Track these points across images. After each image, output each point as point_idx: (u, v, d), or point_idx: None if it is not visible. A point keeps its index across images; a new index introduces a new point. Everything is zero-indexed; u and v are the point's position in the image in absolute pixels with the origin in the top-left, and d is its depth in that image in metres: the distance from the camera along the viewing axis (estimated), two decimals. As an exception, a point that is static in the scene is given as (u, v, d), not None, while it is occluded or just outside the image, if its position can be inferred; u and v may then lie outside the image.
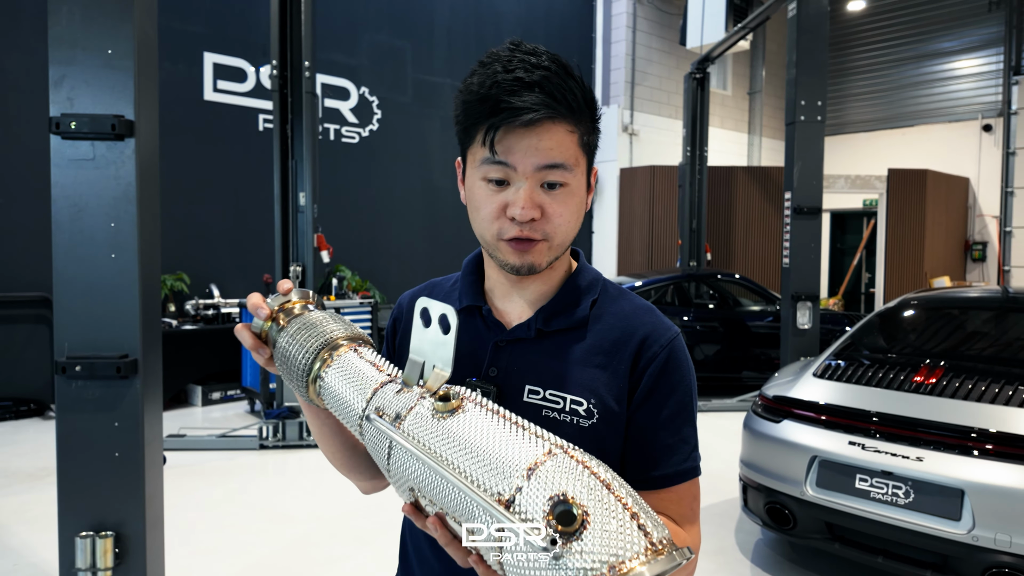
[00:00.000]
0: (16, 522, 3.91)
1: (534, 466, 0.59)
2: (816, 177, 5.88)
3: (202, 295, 7.26)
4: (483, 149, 0.89)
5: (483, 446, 0.64)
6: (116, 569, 2.29)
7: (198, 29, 7.45)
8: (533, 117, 0.86)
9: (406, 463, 0.70)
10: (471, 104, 0.89)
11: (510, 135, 0.87)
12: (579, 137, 0.92)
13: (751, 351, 7.47)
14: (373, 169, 8.88)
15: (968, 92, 12.10)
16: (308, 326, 0.86)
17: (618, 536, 0.54)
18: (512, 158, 0.88)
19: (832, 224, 12.90)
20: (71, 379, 2.23)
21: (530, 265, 0.92)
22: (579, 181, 0.93)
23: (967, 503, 2.65)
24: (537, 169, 0.88)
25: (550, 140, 0.88)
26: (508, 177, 0.89)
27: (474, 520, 0.62)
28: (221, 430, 5.62)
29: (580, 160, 0.92)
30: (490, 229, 0.92)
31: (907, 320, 3.91)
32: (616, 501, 0.57)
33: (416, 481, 0.69)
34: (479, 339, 1.00)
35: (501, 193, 0.90)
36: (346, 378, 0.81)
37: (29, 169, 6.18)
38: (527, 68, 0.87)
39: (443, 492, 0.65)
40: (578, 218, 0.94)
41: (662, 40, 11.72)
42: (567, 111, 0.89)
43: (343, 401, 0.80)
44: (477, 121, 0.89)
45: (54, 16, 2.20)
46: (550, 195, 0.90)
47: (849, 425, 3.05)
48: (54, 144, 2.22)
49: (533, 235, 0.90)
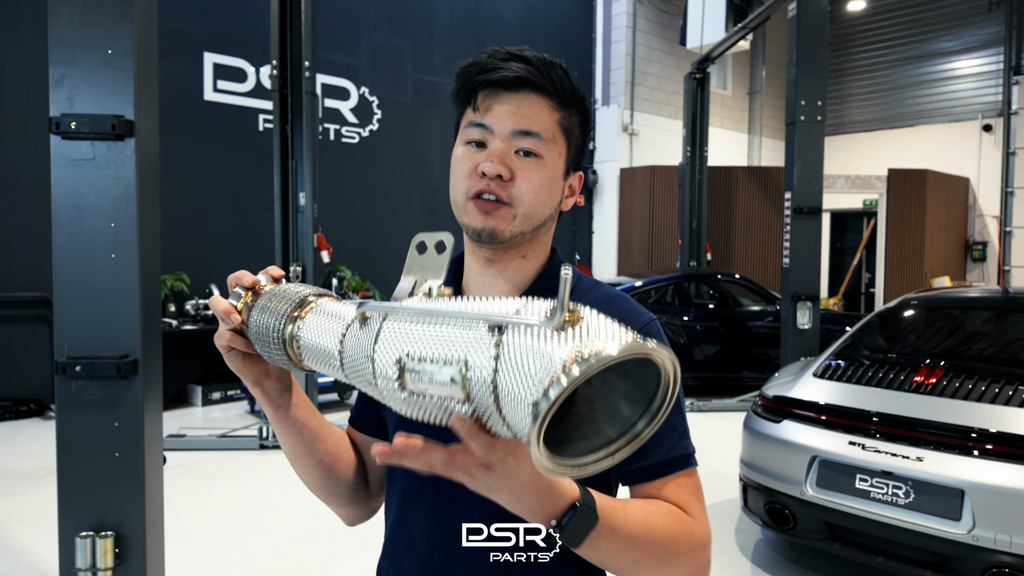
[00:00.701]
0: (16, 522, 3.91)
1: (521, 307, 0.62)
2: (816, 177, 5.88)
3: (202, 295, 7.26)
4: (469, 112, 0.94)
5: (469, 307, 0.64)
6: (116, 569, 2.29)
7: (198, 29, 7.45)
8: (514, 76, 0.90)
9: (396, 332, 0.67)
10: (464, 69, 0.94)
11: (492, 97, 0.92)
12: (560, 118, 0.94)
13: (751, 351, 7.47)
14: (373, 169, 8.88)
15: (968, 92, 12.10)
16: (276, 295, 0.86)
17: (607, 327, 0.57)
18: (490, 118, 0.92)
19: (832, 224, 12.90)
20: (71, 379, 2.23)
21: (491, 230, 0.92)
22: (553, 159, 0.94)
23: (967, 503, 2.65)
24: (512, 133, 0.91)
25: (529, 108, 0.92)
26: (486, 139, 0.92)
27: (468, 359, 0.60)
28: (221, 430, 5.63)
29: (557, 139, 0.94)
30: (461, 187, 0.94)
31: (907, 320, 3.91)
32: (593, 311, 0.60)
33: (406, 347, 0.65)
34: None
35: (478, 154, 0.93)
36: (324, 320, 0.79)
37: (29, 169, 6.19)
38: (520, 50, 0.93)
39: (435, 338, 0.63)
40: (548, 195, 0.95)
41: (662, 40, 11.73)
42: (550, 86, 0.92)
43: (323, 334, 0.77)
44: (467, 82, 0.93)
45: (54, 16, 2.20)
46: (522, 161, 0.92)
47: (849, 425, 3.05)
48: (54, 144, 2.22)
49: (499, 192, 0.91)
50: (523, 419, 0.56)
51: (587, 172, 11.40)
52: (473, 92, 0.93)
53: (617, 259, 11.21)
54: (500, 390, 0.59)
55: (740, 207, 10.45)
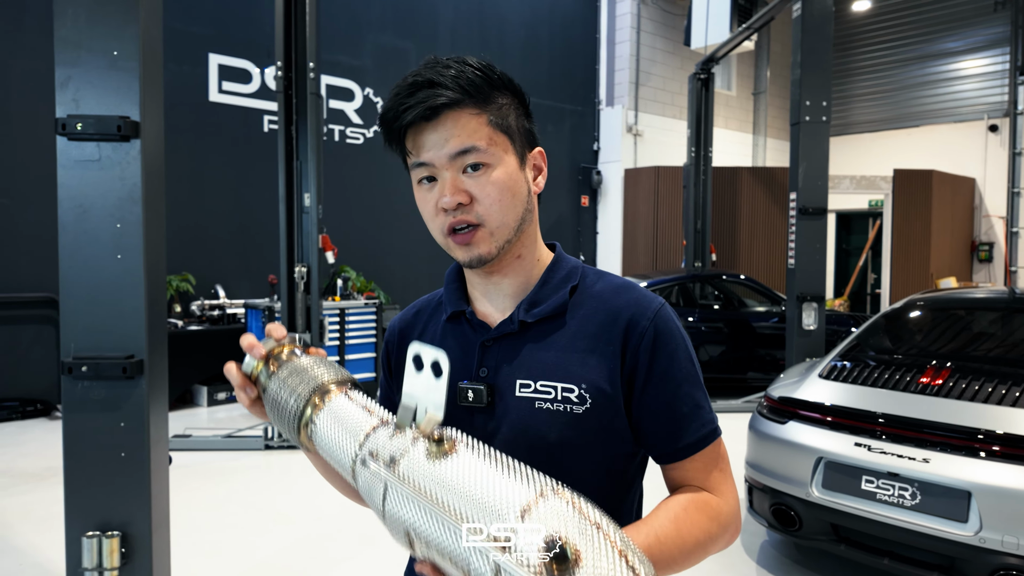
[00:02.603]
0: (22, 522, 3.92)
1: (527, 508, 0.62)
2: (821, 178, 5.87)
3: (207, 296, 7.28)
4: (409, 157, 0.96)
5: (476, 489, 0.66)
6: (122, 569, 2.29)
7: (203, 30, 7.47)
8: (422, 110, 0.90)
9: (402, 507, 0.70)
10: (383, 122, 0.96)
11: (417, 134, 0.93)
12: (488, 118, 0.93)
13: (756, 352, 7.45)
14: (377, 170, 8.88)
15: (974, 92, 12.06)
16: (298, 371, 0.87)
17: (608, 574, 0.58)
18: (427, 155, 0.93)
19: (837, 225, 12.87)
20: (77, 379, 2.24)
21: (478, 256, 0.94)
22: (500, 158, 0.94)
23: (974, 505, 2.63)
24: (450, 158, 0.92)
25: (453, 127, 0.91)
26: (433, 173, 0.94)
27: (470, 564, 0.63)
28: (226, 430, 5.64)
29: (495, 139, 0.94)
30: (435, 228, 0.96)
31: (913, 321, 3.90)
32: (605, 540, 0.60)
33: (412, 524, 0.69)
34: (467, 342, 1.02)
35: (432, 191, 0.95)
36: (338, 422, 0.81)
37: (35, 170, 6.21)
38: (421, 73, 0.92)
39: (439, 536, 0.66)
40: (512, 197, 0.95)
41: (666, 41, 11.71)
42: (463, 95, 0.91)
43: (336, 445, 0.81)
44: (389, 134, 0.96)
45: (60, 18, 2.21)
46: (472, 178, 0.93)
47: (855, 426, 3.04)
48: (60, 145, 2.22)
49: (468, 219, 0.93)
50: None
51: (591, 173, 11.40)
52: (399, 138, 0.95)
53: (622, 260, 11.20)
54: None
55: (745, 208, 10.43)
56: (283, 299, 5.41)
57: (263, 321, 6.27)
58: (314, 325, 5.40)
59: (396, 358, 1.12)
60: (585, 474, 0.95)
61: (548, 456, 0.93)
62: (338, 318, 6.51)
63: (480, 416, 0.98)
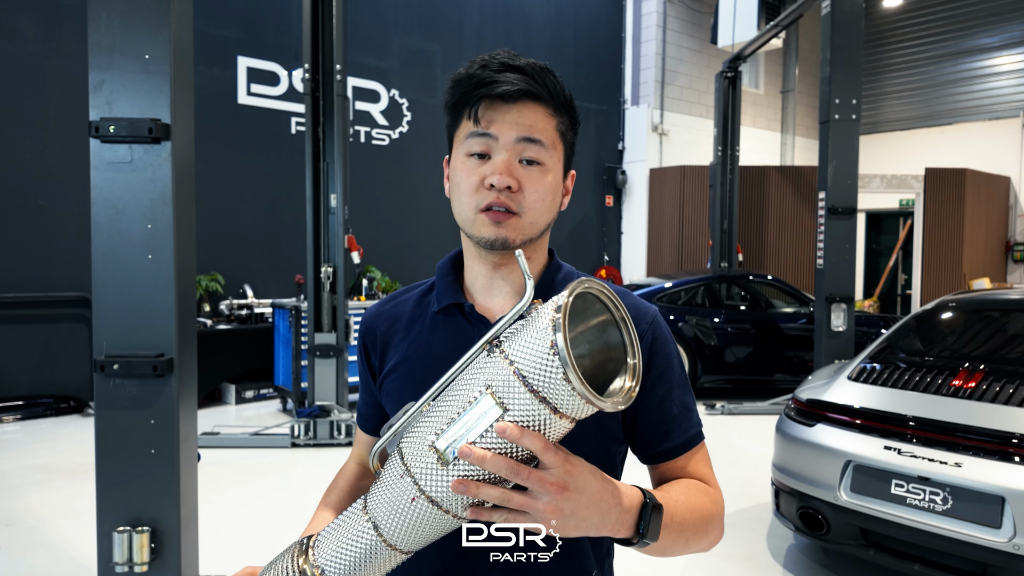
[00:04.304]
0: (56, 516, 4.01)
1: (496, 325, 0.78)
2: (851, 176, 5.78)
3: (236, 295, 7.38)
4: (468, 123, 0.96)
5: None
6: (152, 563, 2.33)
7: (232, 34, 7.57)
8: (514, 89, 0.93)
9: (410, 437, 0.77)
10: (460, 82, 0.96)
11: (493, 109, 0.94)
12: (557, 123, 0.97)
13: (784, 353, 7.36)
14: (403, 171, 8.94)
15: (1009, 89, 11.79)
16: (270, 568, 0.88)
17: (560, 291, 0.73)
18: (494, 128, 0.94)
19: (867, 224, 12.67)
20: (109, 377, 2.28)
21: (504, 239, 0.95)
22: (555, 164, 0.98)
23: (1008, 510, 2.58)
24: (517, 141, 0.94)
25: (530, 116, 0.94)
26: (489, 149, 0.95)
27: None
28: (254, 428, 5.70)
29: (557, 145, 0.98)
30: (469, 202, 0.96)
31: (945, 322, 3.82)
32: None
33: (427, 430, 0.75)
34: (464, 336, 1.01)
35: (482, 166, 0.95)
36: (335, 529, 0.84)
37: (69, 172, 6.34)
38: (511, 58, 0.95)
39: (448, 398, 0.75)
40: (552, 202, 0.98)
41: (693, 39, 11.62)
42: (547, 95, 0.95)
43: (349, 545, 0.82)
44: (464, 96, 0.96)
45: (94, 22, 2.25)
46: (527, 170, 0.95)
47: (885, 429, 2.99)
48: (93, 147, 2.27)
49: (509, 204, 0.94)
50: (553, 372, 0.66)
51: (616, 172, 11.34)
52: (472, 105, 0.95)
53: (646, 260, 11.14)
54: (528, 376, 0.67)
55: (772, 207, 10.31)
56: (309, 299, 5.46)
57: (290, 321, 6.34)
58: (340, 325, 5.45)
59: (381, 352, 1.09)
60: None
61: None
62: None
63: None
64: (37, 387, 6.34)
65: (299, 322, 6.18)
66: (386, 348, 1.07)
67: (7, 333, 6.23)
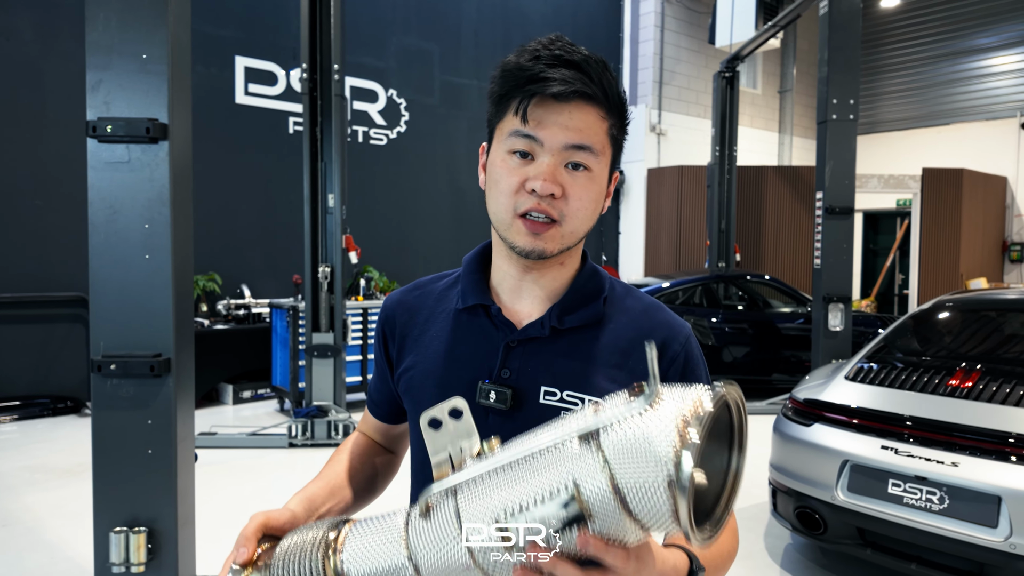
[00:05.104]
0: (53, 517, 4.00)
1: (597, 409, 0.63)
2: (848, 176, 5.79)
3: (233, 295, 7.37)
4: (514, 119, 0.89)
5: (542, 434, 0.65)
6: (149, 564, 2.33)
7: (230, 33, 7.56)
8: (568, 89, 0.86)
9: (477, 496, 0.65)
10: (509, 73, 0.89)
11: (543, 107, 0.87)
12: (609, 127, 0.91)
13: (781, 353, 7.37)
14: (401, 171, 8.93)
15: (1006, 89, 11.81)
16: (290, 549, 0.76)
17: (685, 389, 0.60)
18: (541, 131, 0.87)
19: (865, 224, 12.68)
20: (106, 377, 2.28)
21: (540, 251, 0.90)
22: (602, 171, 0.92)
23: (1004, 510, 2.58)
24: (564, 147, 0.88)
25: (582, 120, 0.88)
26: (533, 151, 0.89)
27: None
28: (251, 428, 5.70)
29: (606, 150, 0.92)
30: (507, 204, 0.90)
31: (942, 322, 3.83)
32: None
33: (497, 501, 0.64)
34: (488, 339, 0.98)
35: (524, 167, 0.89)
36: (369, 537, 0.72)
37: (66, 172, 6.33)
38: (567, 50, 0.88)
39: (529, 475, 0.63)
40: (595, 210, 0.93)
41: (691, 39, 11.63)
42: (602, 96, 0.89)
43: (385, 562, 0.70)
44: (512, 89, 0.89)
45: (91, 22, 2.25)
46: (572, 176, 0.89)
47: (882, 429, 2.99)
48: (90, 147, 2.27)
49: (550, 211, 0.88)
50: (661, 503, 0.56)
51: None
52: (519, 100, 0.88)
53: (644, 260, 11.14)
54: (624, 489, 0.58)
55: (770, 207, 10.32)
56: (307, 299, 5.46)
57: (287, 321, 6.34)
58: (337, 324, 5.45)
59: (399, 344, 1.04)
60: None
61: None
62: (361, 318, 6.56)
63: (496, 417, 0.95)
64: (34, 387, 6.33)
65: (297, 322, 6.18)
66: (404, 340, 1.04)
67: (4, 333, 6.22)
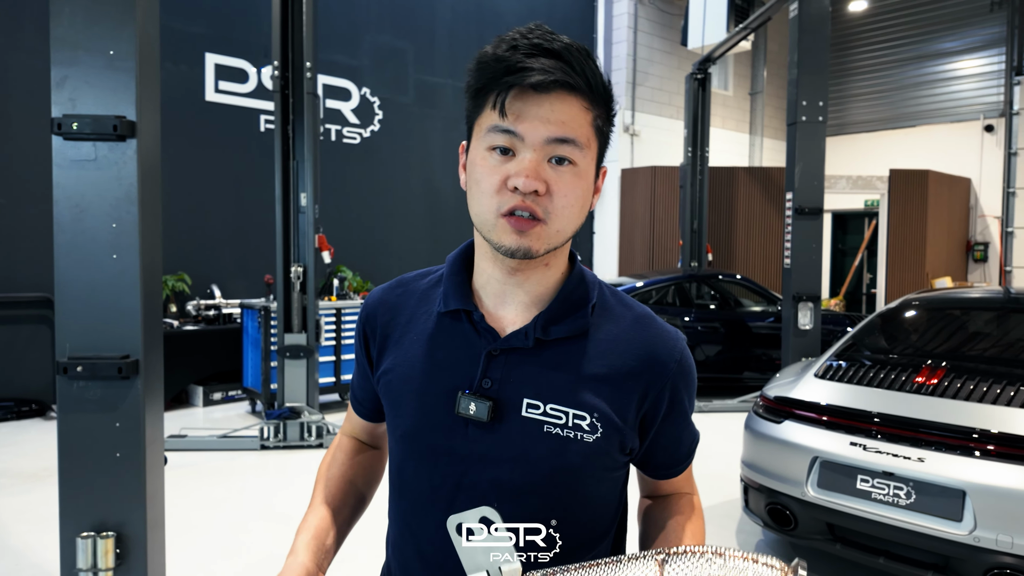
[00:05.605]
0: (18, 522, 3.91)
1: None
2: (817, 177, 5.88)
3: (203, 295, 7.27)
4: (492, 114, 0.85)
5: None
6: (117, 569, 2.29)
7: (200, 30, 7.46)
8: (548, 79, 0.82)
9: None
10: (486, 64, 0.85)
11: (522, 100, 0.83)
12: (593, 118, 0.87)
13: (752, 352, 7.46)
14: (374, 170, 8.88)
15: (970, 92, 12.09)
16: None
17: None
18: (521, 126, 0.83)
19: (833, 224, 12.89)
20: (72, 379, 2.23)
21: (526, 249, 0.86)
22: (588, 165, 0.88)
23: (968, 504, 2.64)
24: (547, 141, 0.83)
25: (564, 112, 0.84)
26: (514, 147, 0.84)
27: None
28: (222, 430, 5.63)
29: (592, 143, 0.88)
30: (489, 204, 0.85)
31: (909, 321, 3.91)
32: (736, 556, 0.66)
33: None
34: (469, 346, 0.94)
35: (505, 164, 0.84)
36: None
37: (31, 170, 6.19)
38: (546, 39, 0.84)
39: None
40: (582, 207, 0.89)
41: (663, 41, 11.73)
42: (586, 86, 0.85)
43: None
44: (490, 82, 0.84)
45: (56, 17, 2.20)
46: (556, 171, 0.85)
47: (850, 426, 3.05)
48: (56, 145, 2.22)
49: (534, 209, 0.84)
50: None
51: (588, 172, 11.39)
52: (497, 93, 0.84)
53: (618, 260, 11.21)
54: None
55: (741, 207, 10.45)
56: (279, 299, 5.40)
57: (259, 322, 6.27)
58: (310, 325, 5.40)
59: (380, 344, 1.02)
60: (587, 494, 0.96)
61: (549, 479, 0.92)
62: (334, 318, 6.51)
63: (476, 429, 0.92)
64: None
65: (268, 323, 6.11)
66: (385, 341, 1.01)
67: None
